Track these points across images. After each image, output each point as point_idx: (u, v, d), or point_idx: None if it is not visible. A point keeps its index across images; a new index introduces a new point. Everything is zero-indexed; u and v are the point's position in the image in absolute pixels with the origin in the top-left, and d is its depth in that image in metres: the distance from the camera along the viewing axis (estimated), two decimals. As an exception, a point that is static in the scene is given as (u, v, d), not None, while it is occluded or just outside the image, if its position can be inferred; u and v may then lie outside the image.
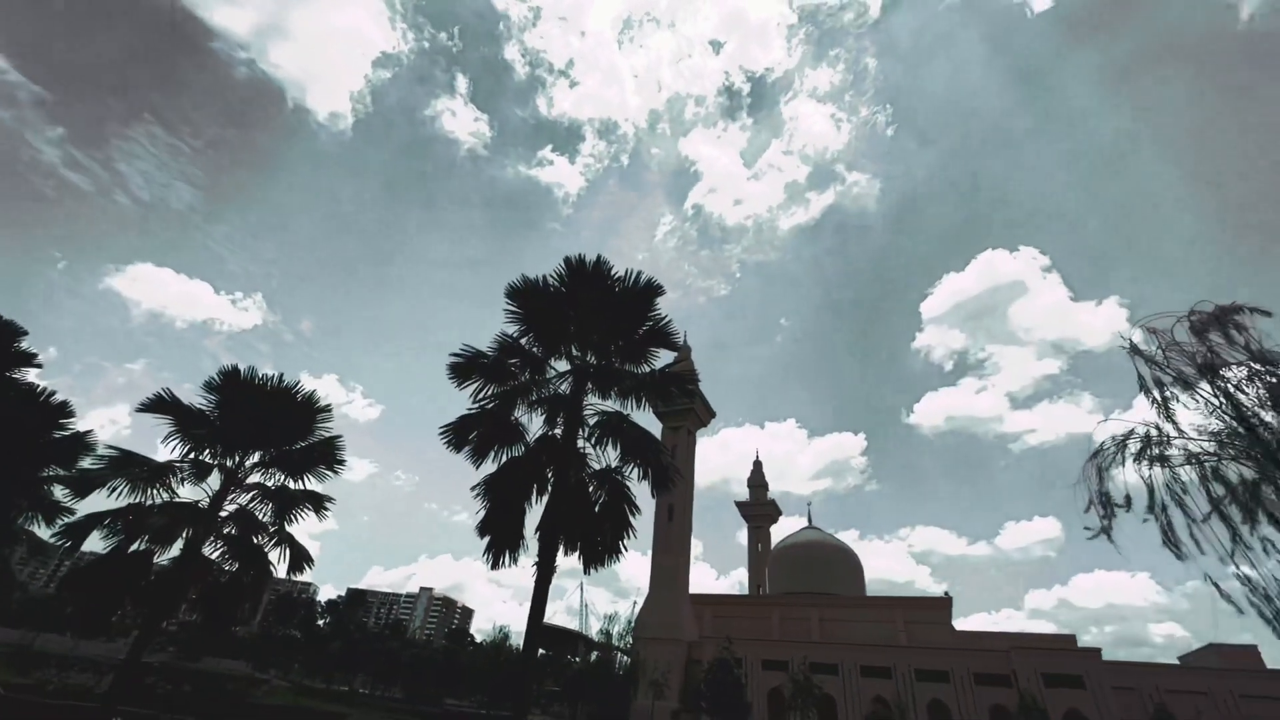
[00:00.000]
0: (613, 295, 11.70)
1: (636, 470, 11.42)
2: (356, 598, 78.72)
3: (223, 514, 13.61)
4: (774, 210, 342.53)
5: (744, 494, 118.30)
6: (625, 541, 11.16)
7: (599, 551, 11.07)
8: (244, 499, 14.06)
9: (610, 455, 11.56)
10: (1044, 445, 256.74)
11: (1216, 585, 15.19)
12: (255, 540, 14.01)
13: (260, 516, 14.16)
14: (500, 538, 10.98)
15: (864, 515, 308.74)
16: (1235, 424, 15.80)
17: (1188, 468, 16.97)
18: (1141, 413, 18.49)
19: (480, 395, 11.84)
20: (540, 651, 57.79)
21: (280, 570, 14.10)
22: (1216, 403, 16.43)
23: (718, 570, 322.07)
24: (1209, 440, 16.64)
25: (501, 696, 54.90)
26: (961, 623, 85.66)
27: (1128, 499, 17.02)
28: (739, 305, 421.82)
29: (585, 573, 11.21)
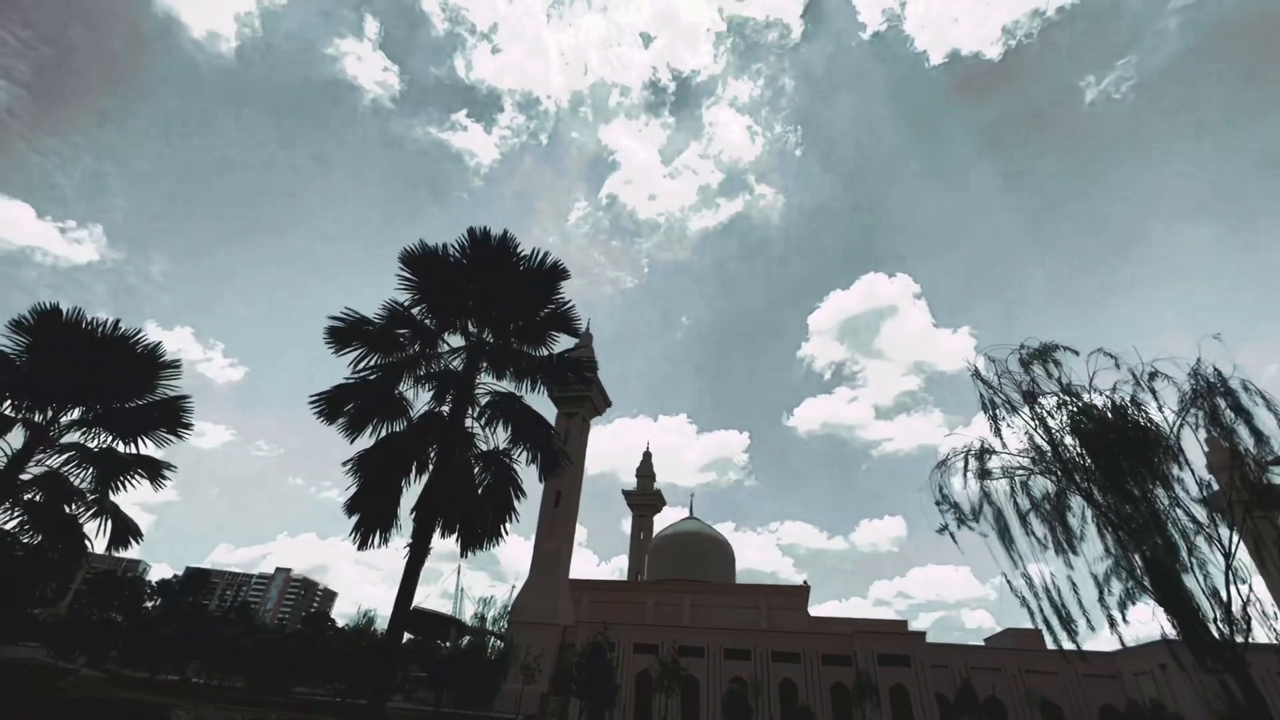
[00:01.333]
0: (517, 273, 11.36)
1: (526, 453, 11.24)
2: (197, 578, 70.24)
3: (25, 477, 11.52)
4: (686, 210, 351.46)
5: (632, 483, 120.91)
6: (508, 525, 10.97)
7: (479, 534, 10.78)
8: (56, 461, 11.99)
9: (500, 437, 11.28)
10: (899, 453, 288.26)
11: (1009, 582, 17.98)
12: (68, 510, 12.01)
13: (77, 483, 12.15)
14: (371, 516, 10.32)
15: (741, 509, 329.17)
16: (1045, 444, 18.68)
17: (1004, 480, 19.82)
18: (979, 430, 21.36)
19: (362, 364, 11.02)
20: (408, 636, 55.34)
21: (99, 545, 12.22)
22: (1033, 425, 19.32)
23: (600, 556, 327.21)
24: (1024, 457, 19.56)
25: (362, 684, 51.94)
26: (816, 609, 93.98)
27: (974, 508, 19.57)
28: (644, 299, 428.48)
29: (463, 555, 10.87)
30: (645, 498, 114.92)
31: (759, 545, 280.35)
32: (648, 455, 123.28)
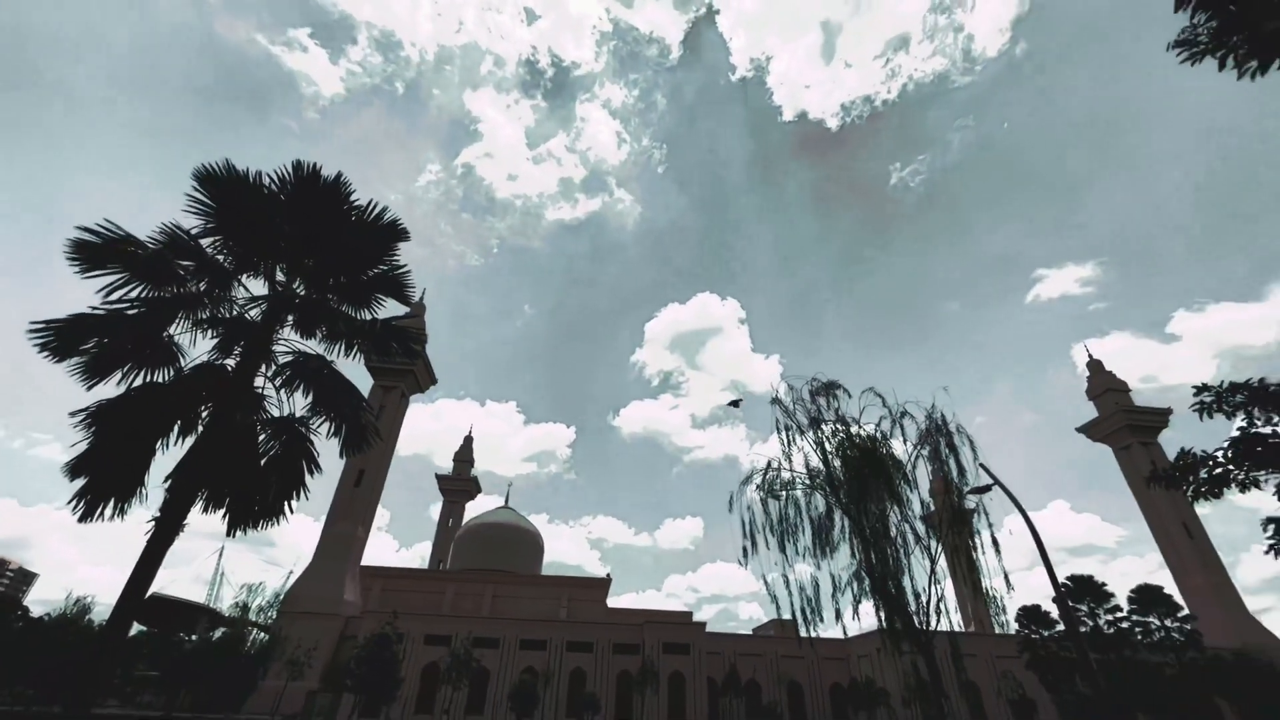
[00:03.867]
0: (347, 224, 10.17)
1: (329, 424, 10.09)
2: None
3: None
4: (544, 199, 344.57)
5: (449, 467, 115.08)
6: (294, 503, 9.72)
7: (255, 511, 9.39)
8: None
9: (298, 402, 9.98)
10: (707, 460, 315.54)
11: (766, 580, 20.84)
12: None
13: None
14: (106, 481, 8.40)
15: (557, 501, 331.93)
16: (821, 465, 21.94)
17: (785, 493, 22.83)
18: (775, 448, 24.40)
19: (117, 293, 8.93)
20: (139, 628, 45.88)
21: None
22: (814, 447, 22.58)
23: (401, 542, 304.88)
24: (805, 477, 22.78)
25: (61, 687, 41.64)
26: (614, 601, 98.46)
27: (773, 519, 22.01)
28: (488, 280, 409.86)
29: (230, 534, 9.36)
30: (460, 483, 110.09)
31: (570, 538, 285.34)
32: (469, 440, 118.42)
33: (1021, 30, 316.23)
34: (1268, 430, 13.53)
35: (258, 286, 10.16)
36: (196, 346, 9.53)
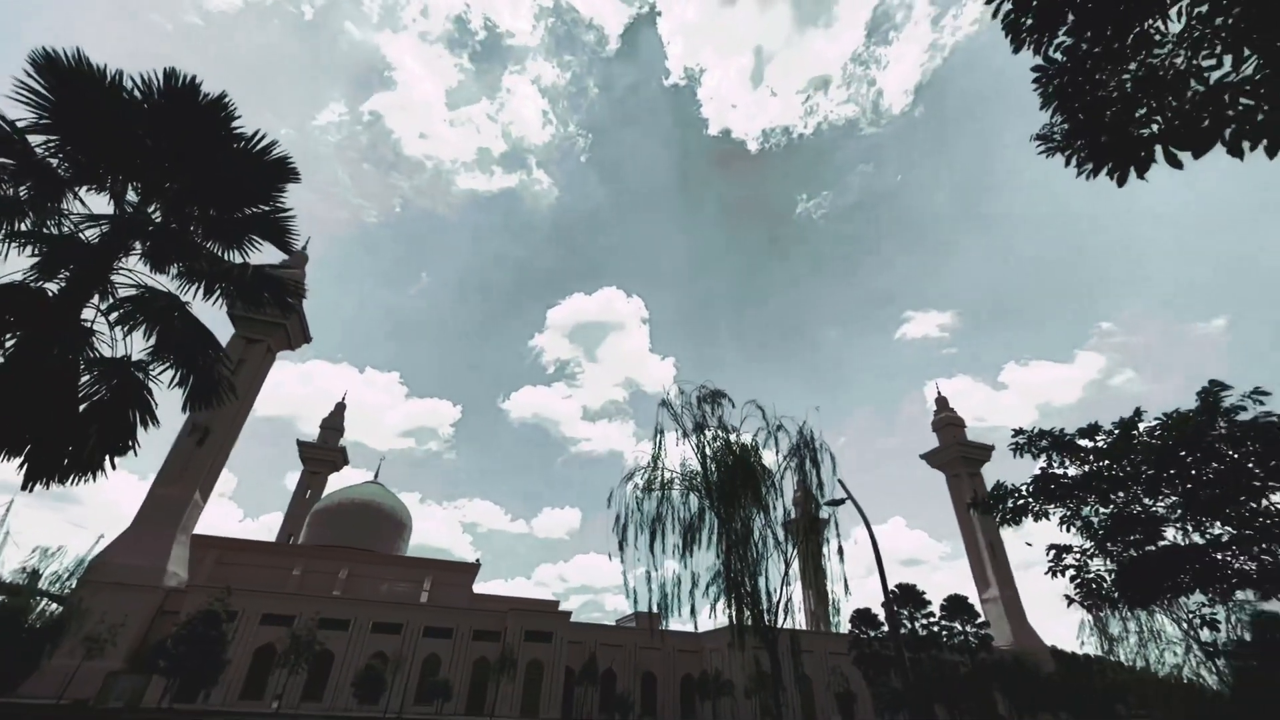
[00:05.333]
0: (225, 150, 9.03)
1: (173, 373, 8.92)
2: None
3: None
4: (458, 165, 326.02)
5: (314, 434, 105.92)
6: (117, 458, 8.47)
7: (65, 464, 8.06)
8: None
9: (138, 344, 8.72)
10: (592, 454, 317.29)
11: (626, 576, 21.63)
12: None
13: None
14: None
15: (432, 481, 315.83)
16: (699, 468, 23.00)
17: (664, 492, 23.68)
18: (659, 447, 25.17)
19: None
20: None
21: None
22: (695, 452, 23.62)
23: (247, 511, 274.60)
24: (683, 478, 23.76)
25: None
26: (482, 587, 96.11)
27: (647, 516, 22.57)
28: (386, 241, 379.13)
29: (25, 487, 7.96)
30: (325, 453, 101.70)
31: (442, 519, 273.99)
32: (341, 407, 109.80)
33: (922, 96, 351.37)
34: (1060, 472, 16.24)
35: (101, 204, 8.74)
36: (9, 262, 8.00)
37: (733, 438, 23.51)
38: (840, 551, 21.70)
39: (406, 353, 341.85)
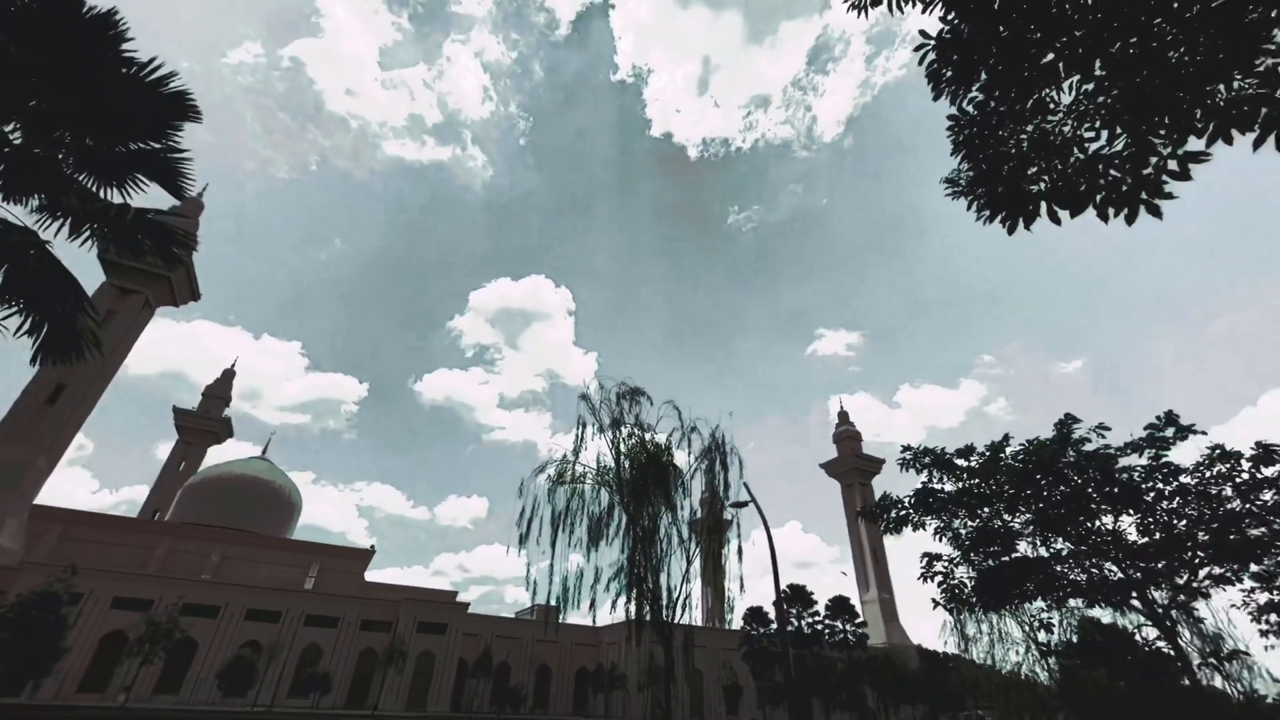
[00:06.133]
0: (111, 73, 7.96)
1: (22, 319, 7.77)
2: None
3: None
4: (385, 129, 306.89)
5: (194, 401, 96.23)
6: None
7: None
8: None
9: (-24, 282, 7.50)
10: (505, 443, 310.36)
11: (528, 569, 21.57)
12: None
13: None
14: None
15: (329, 460, 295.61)
16: (613, 464, 23.16)
17: (575, 486, 23.66)
18: (573, 442, 25.08)
19: None
20: None
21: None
22: (610, 447, 23.76)
23: (104, 482, 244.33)
24: (595, 472, 23.82)
25: None
26: (375, 574, 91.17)
27: (556, 509, 22.39)
28: (297, 200, 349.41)
29: None
30: (205, 422, 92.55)
31: (337, 502, 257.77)
32: (230, 374, 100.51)
33: (852, 128, 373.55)
34: (939, 487, 17.87)
35: (-59, 113, 7.43)
36: None
37: (648, 436, 23.86)
38: (740, 552, 22.63)
39: (311, 322, 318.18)
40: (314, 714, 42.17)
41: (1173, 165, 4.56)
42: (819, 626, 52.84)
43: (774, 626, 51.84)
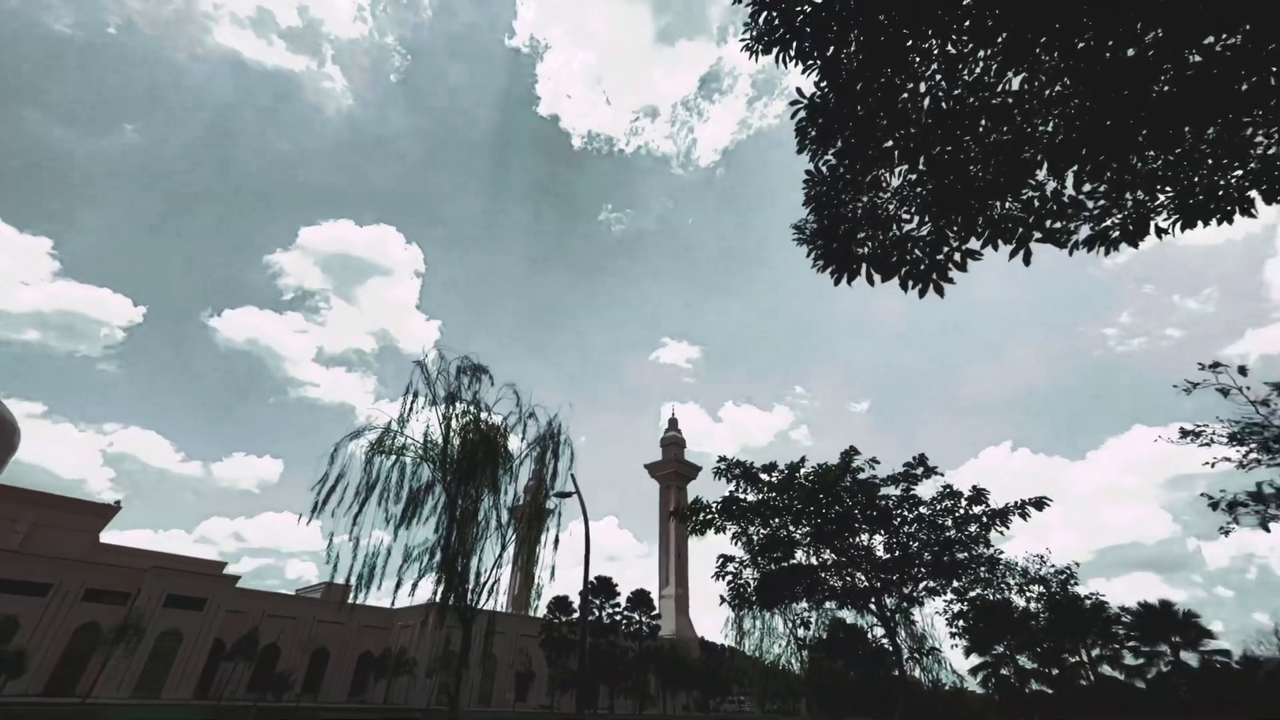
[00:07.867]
0: None
1: None
2: None
3: None
4: (222, 11, 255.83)
5: None
6: None
7: None
8: None
9: None
10: (319, 402, 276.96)
11: (329, 543, 19.93)
12: None
13: None
14: None
15: (73, 393, 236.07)
16: (440, 440, 22.08)
17: (396, 458, 22.17)
18: (398, 411, 23.30)
19: None
20: None
21: None
22: (440, 422, 22.63)
23: None
24: (419, 445, 22.48)
25: None
26: (119, 536, 75.18)
27: (370, 479, 20.58)
28: (79, 67, 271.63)
29: None
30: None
31: (77, 445, 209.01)
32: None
33: (725, 160, 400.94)
34: (743, 497, 19.91)
35: None
36: None
37: (484, 416, 23.06)
38: (556, 541, 22.84)
39: (76, 218, 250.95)
40: (-8, 702, 33.45)
41: (956, 257, 5.63)
42: (618, 617, 55.55)
43: (576, 615, 53.33)
